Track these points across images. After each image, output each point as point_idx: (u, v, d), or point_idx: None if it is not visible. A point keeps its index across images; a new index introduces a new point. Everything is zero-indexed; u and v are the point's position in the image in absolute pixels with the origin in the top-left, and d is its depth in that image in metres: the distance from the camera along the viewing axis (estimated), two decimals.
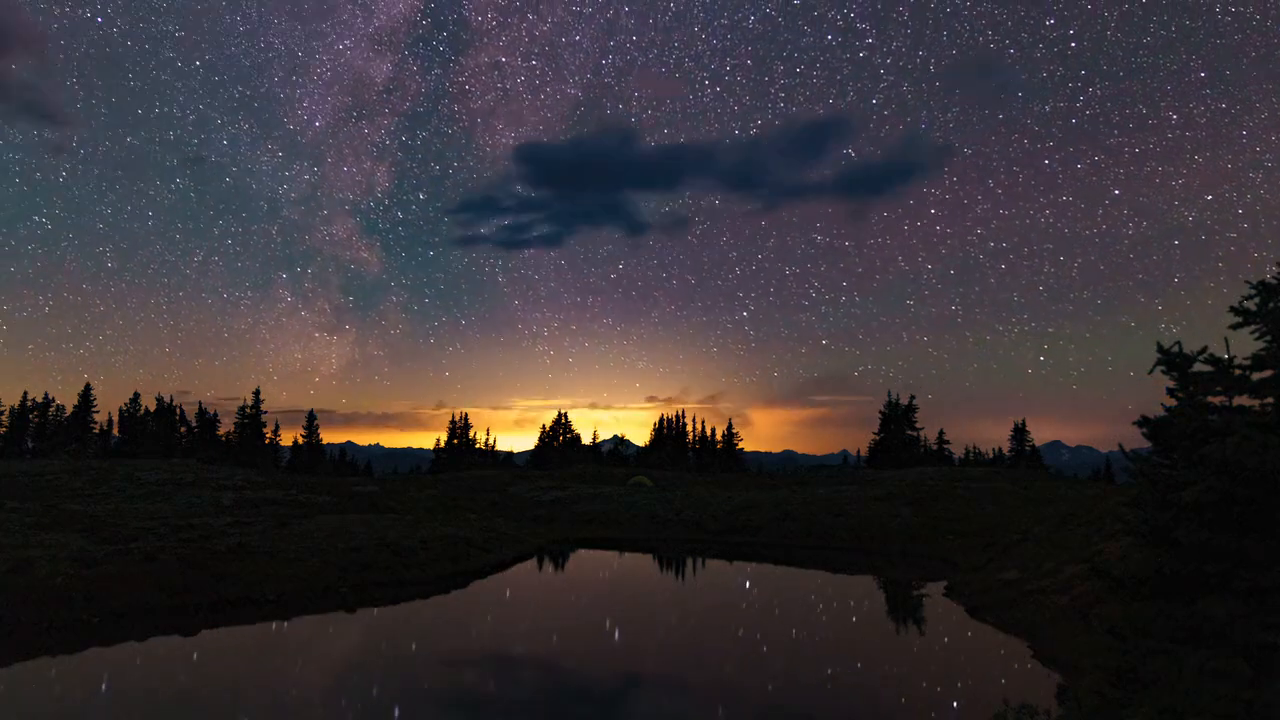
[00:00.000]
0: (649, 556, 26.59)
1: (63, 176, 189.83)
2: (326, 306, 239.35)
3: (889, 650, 14.11)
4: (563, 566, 24.14)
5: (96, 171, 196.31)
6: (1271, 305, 6.23)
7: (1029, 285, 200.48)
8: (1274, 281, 6.29)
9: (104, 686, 10.97)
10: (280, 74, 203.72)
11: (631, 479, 43.17)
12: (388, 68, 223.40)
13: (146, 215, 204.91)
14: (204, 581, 16.11)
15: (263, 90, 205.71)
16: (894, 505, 31.04)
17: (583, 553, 27.05)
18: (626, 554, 27.01)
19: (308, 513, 25.53)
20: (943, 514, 29.45)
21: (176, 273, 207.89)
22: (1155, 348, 6.88)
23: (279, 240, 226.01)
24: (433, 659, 12.91)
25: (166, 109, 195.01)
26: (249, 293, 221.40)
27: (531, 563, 23.88)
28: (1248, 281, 6.41)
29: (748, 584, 22.05)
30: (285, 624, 14.99)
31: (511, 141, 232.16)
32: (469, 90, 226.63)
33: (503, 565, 22.47)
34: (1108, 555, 15.27)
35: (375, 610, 16.52)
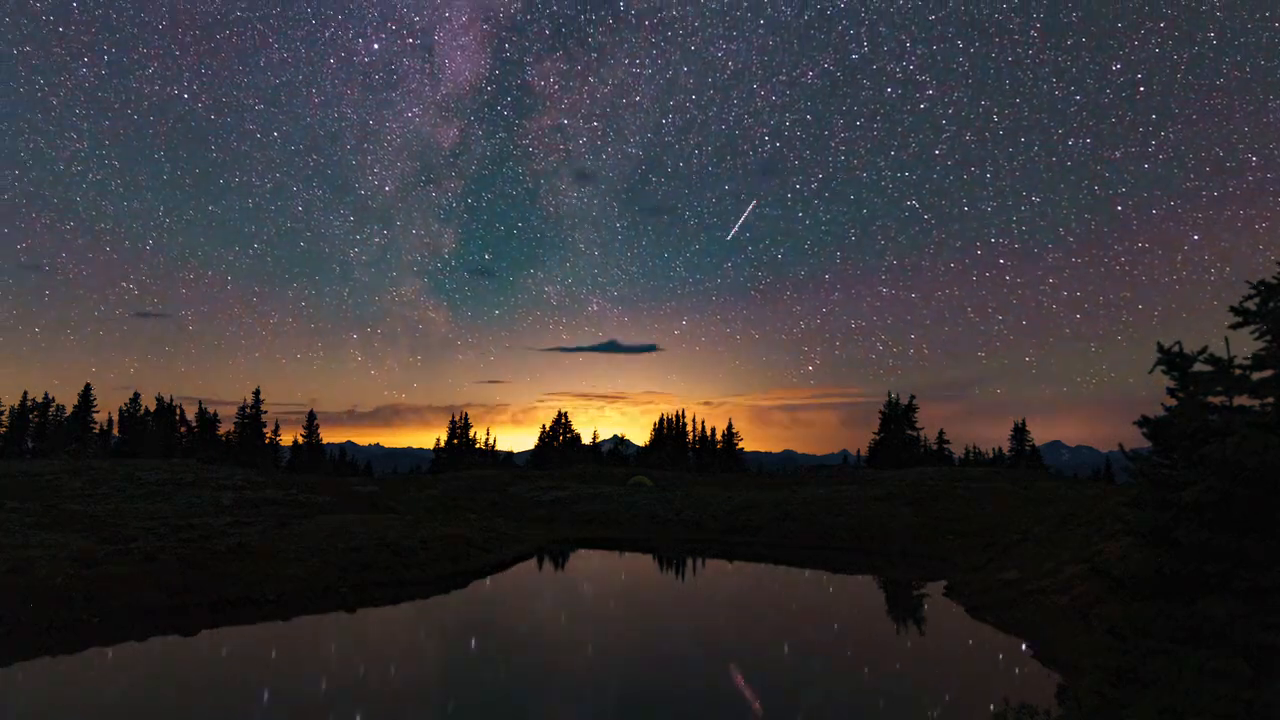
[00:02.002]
0: (649, 556, 26.59)
1: (149, 245, 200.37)
2: (395, 366, 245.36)
3: (889, 650, 14.11)
4: (563, 566, 24.14)
5: (180, 239, 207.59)
6: (1271, 305, 6.23)
7: (1107, 335, 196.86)
8: (1274, 281, 6.29)
9: (104, 687, 10.97)
10: (352, 142, 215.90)
11: (631, 479, 43.17)
12: (454, 133, 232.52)
13: (226, 280, 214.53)
14: (204, 581, 16.11)
15: (335, 158, 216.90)
16: (894, 505, 31.04)
17: (583, 553, 27.05)
18: (627, 554, 27.01)
19: (308, 513, 25.54)
20: (943, 514, 29.45)
21: (253, 334, 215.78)
22: (1156, 348, 6.88)
23: (350, 301, 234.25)
24: (432, 659, 12.92)
25: (245, 177, 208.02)
26: (321, 353, 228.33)
27: (532, 563, 23.88)
28: (1248, 281, 6.41)
29: (748, 584, 22.05)
30: (285, 624, 14.99)
31: (574, 202, 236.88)
32: (532, 152, 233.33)
33: (503, 565, 22.47)
34: (1108, 555, 15.27)
35: (375, 610, 16.53)
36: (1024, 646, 13.67)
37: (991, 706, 7.69)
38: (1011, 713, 7.11)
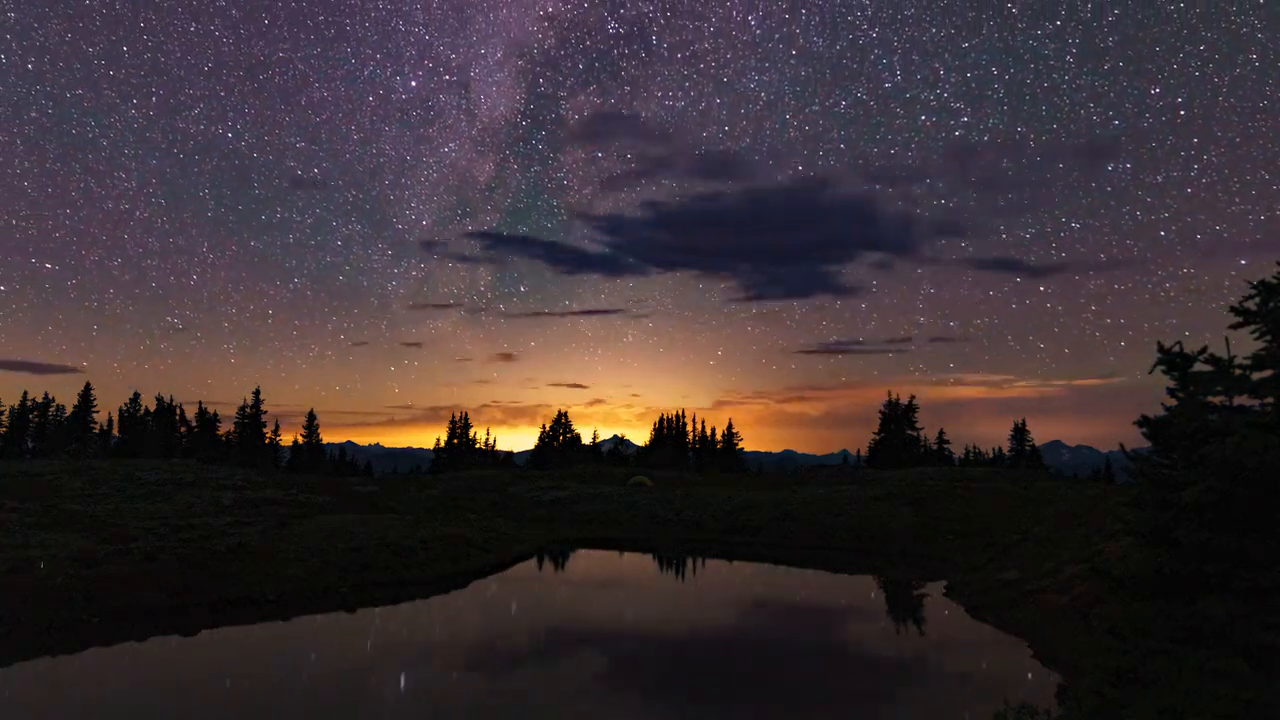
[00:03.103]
0: (649, 556, 26.59)
1: (193, 280, 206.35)
2: (432, 398, 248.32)
3: (889, 650, 14.11)
4: (563, 566, 24.14)
5: (224, 274, 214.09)
6: (1271, 305, 6.22)
7: (1151, 362, 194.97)
8: (1274, 281, 6.28)
9: (103, 687, 10.97)
10: (391, 177, 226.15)
11: (631, 479, 43.16)
12: (490, 167, 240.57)
13: (267, 314, 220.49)
14: (204, 581, 16.11)
15: (374, 193, 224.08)
16: (894, 505, 31.03)
17: (583, 553, 27.05)
18: (627, 554, 27.00)
19: (308, 513, 25.53)
20: (943, 514, 29.44)
21: (293, 368, 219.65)
22: (1156, 347, 6.88)
23: (388, 334, 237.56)
24: (432, 659, 12.92)
25: (287, 214, 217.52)
26: (360, 385, 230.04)
27: (532, 562, 23.88)
28: (1248, 281, 6.41)
29: (748, 584, 22.05)
30: (285, 624, 14.99)
31: (609, 234, 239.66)
32: (567, 185, 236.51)
33: (503, 565, 22.47)
34: (1108, 555, 15.27)
35: (375, 610, 16.53)
36: (1024, 646, 13.67)
37: (992, 706, 7.69)
38: (1011, 713, 7.10)
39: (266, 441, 63.63)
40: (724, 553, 26.81)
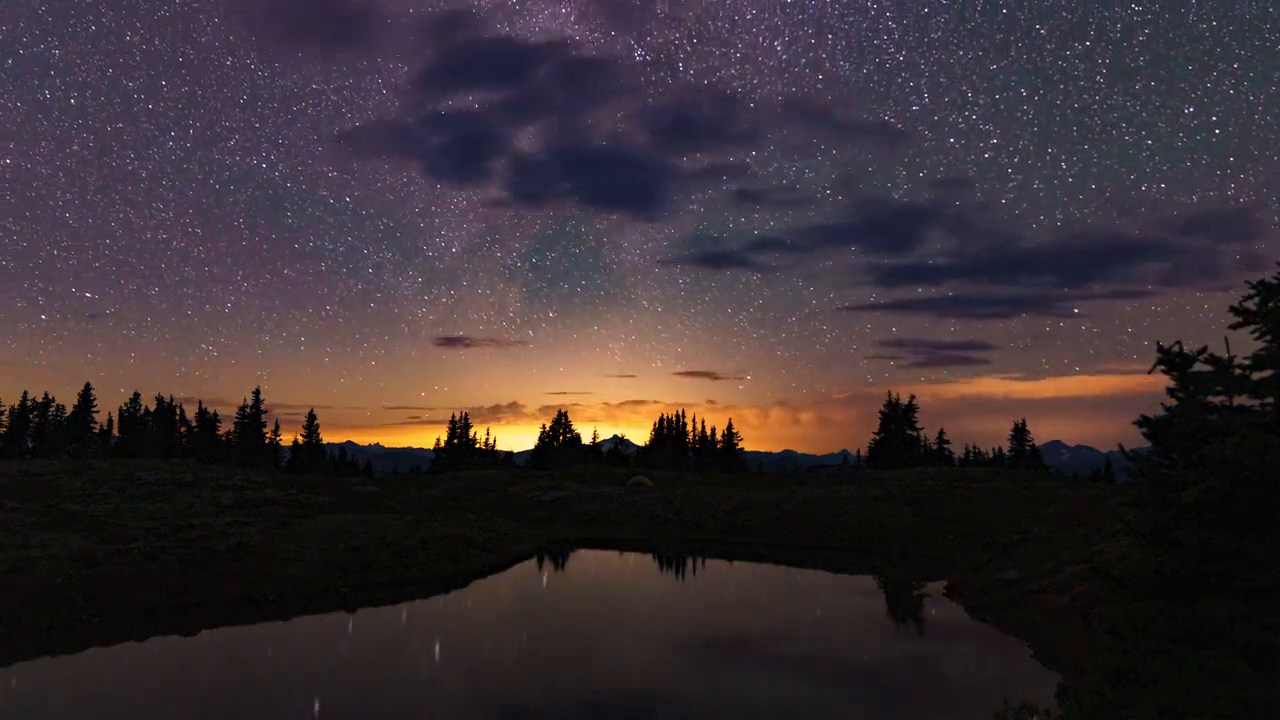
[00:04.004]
0: (649, 556, 26.59)
1: (228, 308, 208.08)
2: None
3: (890, 650, 14.11)
4: (563, 566, 24.14)
5: (257, 302, 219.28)
6: (1271, 305, 6.22)
7: None
8: (1274, 281, 6.28)
9: (103, 687, 10.97)
10: (420, 205, 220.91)
11: (631, 479, 43.14)
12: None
13: (300, 341, 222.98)
14: (204, 581, 16.11)
15: (405, 221, 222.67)
16: (894, 505, 31.03)
17: (583, 552, 27.05)
18: (627, 554, 27.01)
19: (308, 513, 25.51)
20: (943, 514, 29.44)
21: (325, 393, 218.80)
22: (1156, 347, 6.88)
23: (418, 359, 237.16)
24: (432, 659, 12.92)
25: (319, 241, 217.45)
26: (391, 410, 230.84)
27: (532, 562, 23.88)
28: (1248, 281, 6.40)
29: (748, 584, 22.05)
30: (285, 624, 14.99)
31: (635, 258, 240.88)
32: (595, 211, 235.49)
33: (503, 565, 22.47)
34: (1108, 555, 15.26)
35: (376, 610, 16.53)
36: (1024, 646, 13.67)
37: (992, 706, 7.70)
38: (1011, 712, 7.11)
39: (266, 441, 63.62)
40: (724, 553, 26.81)
